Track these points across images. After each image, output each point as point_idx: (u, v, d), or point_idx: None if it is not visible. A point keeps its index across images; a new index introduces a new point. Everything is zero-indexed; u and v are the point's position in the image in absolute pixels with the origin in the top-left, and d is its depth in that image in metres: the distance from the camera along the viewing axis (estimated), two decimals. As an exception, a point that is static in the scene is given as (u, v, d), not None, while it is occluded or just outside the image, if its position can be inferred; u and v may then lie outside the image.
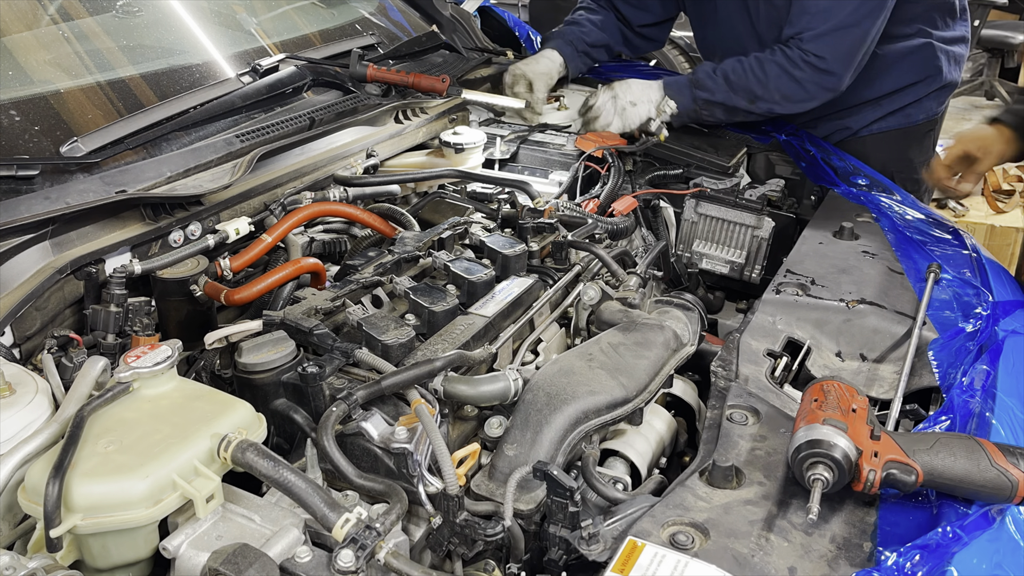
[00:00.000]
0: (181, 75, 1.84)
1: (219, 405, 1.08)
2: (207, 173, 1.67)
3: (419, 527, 1.15)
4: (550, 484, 1.11)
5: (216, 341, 1.30)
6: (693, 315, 1.56)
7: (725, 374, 1.40)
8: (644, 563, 0.97)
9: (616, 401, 1.28)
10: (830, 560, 1.02)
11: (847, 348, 1.55)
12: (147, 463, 0.97)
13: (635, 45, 2.80)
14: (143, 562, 1.02)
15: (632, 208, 2.05)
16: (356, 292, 1.46)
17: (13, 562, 0.89)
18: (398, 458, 1.12)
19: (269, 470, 0.99)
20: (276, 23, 2.27)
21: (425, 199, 1.95)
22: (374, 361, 1.25)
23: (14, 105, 1.53)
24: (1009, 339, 1.40)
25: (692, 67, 6.21)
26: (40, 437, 1.02)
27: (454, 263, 1.52)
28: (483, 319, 1.41)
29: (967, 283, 1.65)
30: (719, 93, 2.26)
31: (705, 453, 1.22)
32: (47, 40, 1.71)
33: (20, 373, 1.12)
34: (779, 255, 1.89)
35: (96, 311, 1.35)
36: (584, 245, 1.67)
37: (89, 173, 1.51)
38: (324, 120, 1.95)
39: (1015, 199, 4.21)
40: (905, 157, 2.53)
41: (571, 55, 2.58)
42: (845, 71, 2.22)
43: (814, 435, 1.07)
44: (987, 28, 6.85)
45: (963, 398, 1.26)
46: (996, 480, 1.05)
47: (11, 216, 1.34)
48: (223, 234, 1.56)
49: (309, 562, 0.94)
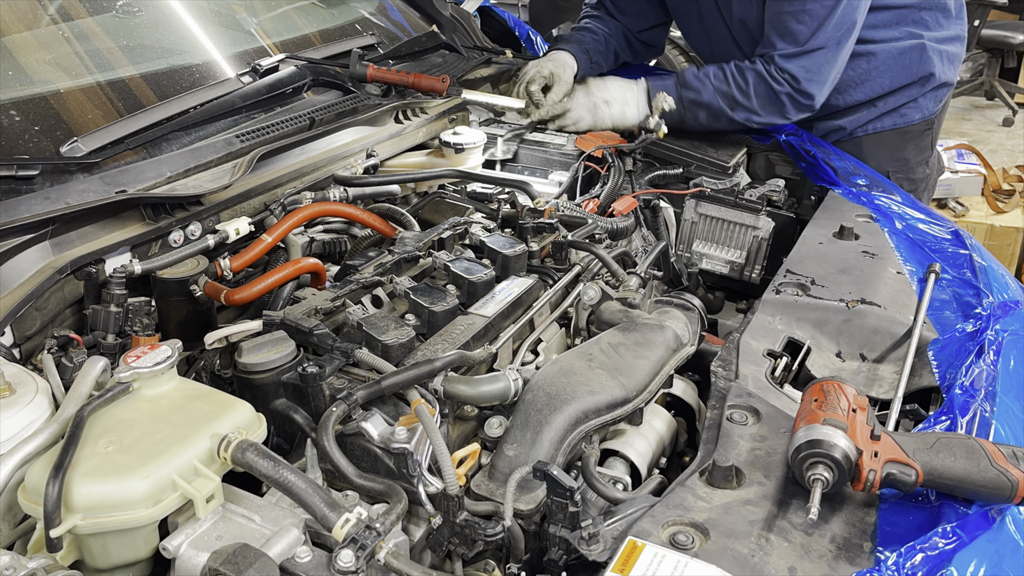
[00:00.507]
0: (181, 75, 1.84)
1: (219, 405, 1.08)
2: (207, 173, 1.67)
3: (419, 527, 1.15)
4: (550, 484, 1.11)
5: (216, 341, 1.30)
6: (693, 315, 1.56)
7: (725, 374, 1.40)
8: (644, 563, 0.97)
9: (616, 401, 1.28)
10: (830, 560, 1.02)
11: (847, 348, 1.55)
12: (147, 463, 0.97)
13: (637, 51, 2.81)
14: (143, 562, 1.02)
15: (632, 208, 2.05)
16: (356, 292, 1.46)
17: (13, 562, 0.89)
18: (398, 458, 1.12)
19: (269, 470, 0.99)
20: (276, 23, 2.27)
21: (425, 199, 1.95)
22: (374, 361, 1.25)
23: (14, 105, 1.53)
24: (1009, 339, 1.40)
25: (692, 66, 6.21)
26: (40, 437, 1.02)
27: (454, 263, 1.52)
28: (483, 319, 1.41)
29: (967, 283, 1.65)
30: (705, 94, 2.27)
31: (705, 453, 1.22)
32: (47, 40, 1.71)
33: (20, 373, 1.12)
34: (779, 255, 1.89)
35: (96, 311, 1.35)
36: (584, 245, 1.67)
37: (89, 173, 1.51)
38: (324, 120, 1.95)
39: (1015, 199, 4.21)
40: (901, 157, 2.54)
41: (585, 63, 2.57)
42: (817, 90, 2.25)
43: (814, 435, 1.07)
44: (987, 28, 6.85)
45: (963, 398, 1.26)
46: (996, 480, 1.05)
47: (11, 216, 1.34)
48: (223, 234, 1.56)
49: (309, 562, 0.94)
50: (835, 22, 2.18)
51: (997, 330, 1.41)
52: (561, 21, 5.06)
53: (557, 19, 5.06)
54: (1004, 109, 7.33)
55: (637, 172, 2.30)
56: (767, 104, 2.26)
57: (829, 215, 2.02)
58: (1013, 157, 6.30)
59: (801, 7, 2.17)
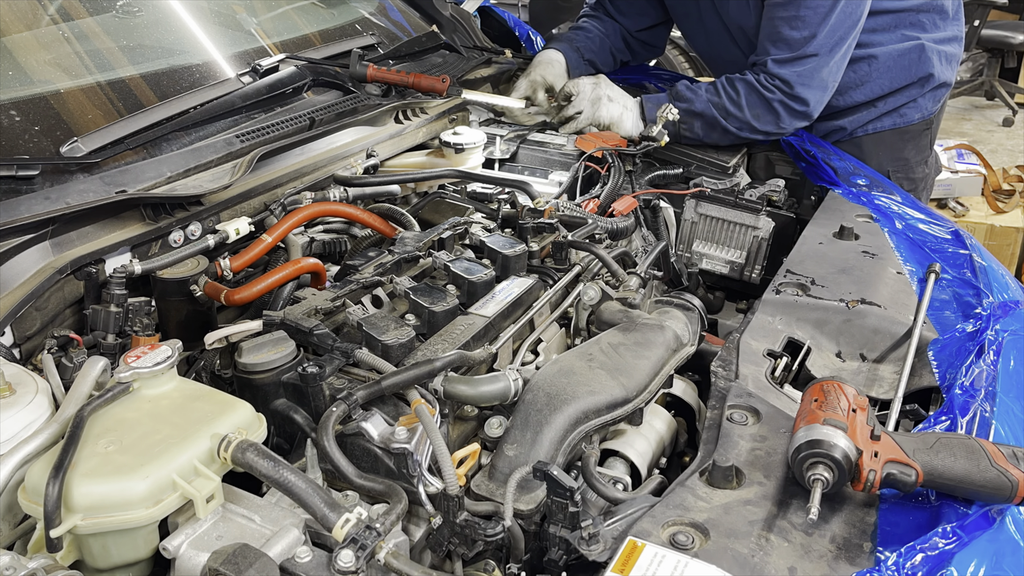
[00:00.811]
0: (181, 75, 1.84)
1: (219, 405, 1.08)
2: (207, 173, 1.67)
3: (419, 527, 1.15)
4: (550, 484, 1.11)
5: (216, 341, 1.30)
6: (693, 315, 1.56)
7: (725, 374, 1.40)
8: (644, 563, 0.97)
9: (616, 401, 1.28)
10: (830, 560, 1.02)
11: (847, 348, 1.55)
12: (147, 463, 0.97)
13: (636, 52, 2.81)
14: (143, 562, 1.02)
15: (632, 208, 2.05)
16: (356, 292, 1.46)
17: (13, 562, 0.89)
18: (398, 458, 1.12)
19: (269, 470, 0.99)
20: (276, 23, 2.27)
21: (425, 199, 1.95)
22: (374, 361, 1.25)
23: (14, 105, 1.53)
24: (1009, 339, 1.40)
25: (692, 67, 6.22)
26: (40, 437, 1.02)
27: (454, 263, 1.52)
28: (483, 319, 1.41)
29: (967, 283, 1.65)
30: (698, 103, 2.27)
31: (705, 453, 1.22)
32: (47, 40, 1.71)
33: (20, 373, 1.12)
34: (779, 255, 1.89)
35: (96, 311, 1.35)
36: (584, 245, 1.67)
37: (89, 173, 1.51)
38: (324, 120, 1.95)
39: (1015, 199, 4.21)
40: (901, 157, 2.54)
41: (576, 61, 2.58)
42: (811, 96, 2.23)
43: (814, 435, 1.07)
44: (987, 28, 6.85)
45: (963, 398, 1.26)
46: (996, 480, 1.05)
47: (11, 216, 1.34)
48: (223, 234, 1.56)
49: (309, 562, 0.94)
50: (829, 28, 2.17)
51: (997, 330, 1.41)
52: (561, 21, 5.06)
53: (557, 19, 5.06)
54: (1004, 109, 7.33)
55: (637, 172, 2.30)
56: (761, 114, 2.24)
57: (829, 215, 2.02)
58: (1013, 157, 6.30)
59: (795, 13, 2.17)
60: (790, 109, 2.24)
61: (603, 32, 2.71)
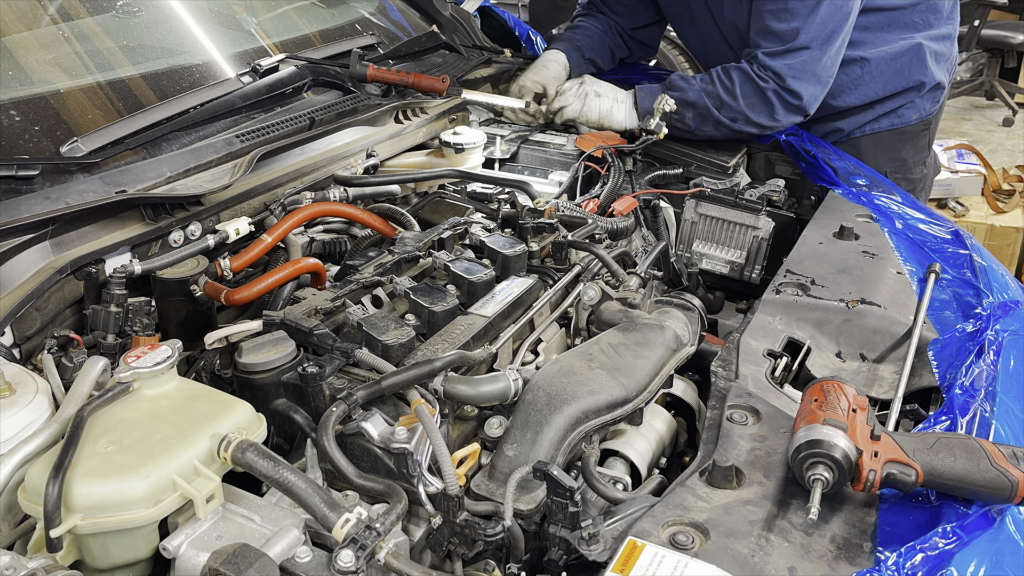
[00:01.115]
0: (181, 75, 1.84)
1: (219, 405, 1.08)
2: (207, 173, 1.67)
3: (419, 527, 1.15)
4: (550, 484, 1.11)
5: (216, 341, 1.30)
6: (693, 315, 1.56)
7: (725, 374, 1.40)
8: (644, 563, 0.97)
9: (616, 401, 1.28)
10: (830, 560, 1.02)
11: (847, 348, 1.55)
12: (147, 463, 0.97)
13: (631, 50, 2.81)
14: (143, 562, 1.02)
15: (632, 208, 2.05)
16: (356, 292, 1.46)
17: (13, 562, 0.89)
18: (398, 458, 1.12)
19: (269, 470, 0.99)
20: (276, 23, 2.27)
21: (425, 199, 1.95)
22: (374, 361, 1.25)
23: (14, 105, 1.53)
24: (1009, 339, 1.40)
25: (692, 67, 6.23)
26: (40, 437, 1.02)
27: (454, 263, 1.52)
28: (483, 319, 1.41)
29: (967, 283, 1.65)
30: (691, 92, 2.25)
31: (705, 453, 1.22)
32: (47, 40, 1.71)
33: (20, 373, 1.12)
34: (779, 255, 1.89)
35: (96, 311, 1.35)
36: (584, 245, 1.67)
37: (89, 173, 1.51)
38: (324, 120, 1.95)
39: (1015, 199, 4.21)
40: (899, 157, 2.54)
41: (577, 60, 2.58)
42: (804, 89, 2.20)
43: (814, 435, 1.07)
44: (987, 28, 6.85)
45: (963, 398, 1.26)
46: (996, 480, 1.05)
47: (11, 216, 1.34)
48: (223, 234, 1.56)
49: (309, 562, 0.94)
50: (818, 21, 2.15)
51: (997, 330, 1.41)
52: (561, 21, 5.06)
53: (557, 19, 5.07)
54: (1004, 109, 7.33)
55: (637, 172, 2.30)
56: (755, 103, 2.22)
57: (829, 215, 2.02)
58: (1013, 157, 6.30)
59: (783, 5, 2.16)
60: (784, 101, 2.21)
61: (601, 29, 2.70)
